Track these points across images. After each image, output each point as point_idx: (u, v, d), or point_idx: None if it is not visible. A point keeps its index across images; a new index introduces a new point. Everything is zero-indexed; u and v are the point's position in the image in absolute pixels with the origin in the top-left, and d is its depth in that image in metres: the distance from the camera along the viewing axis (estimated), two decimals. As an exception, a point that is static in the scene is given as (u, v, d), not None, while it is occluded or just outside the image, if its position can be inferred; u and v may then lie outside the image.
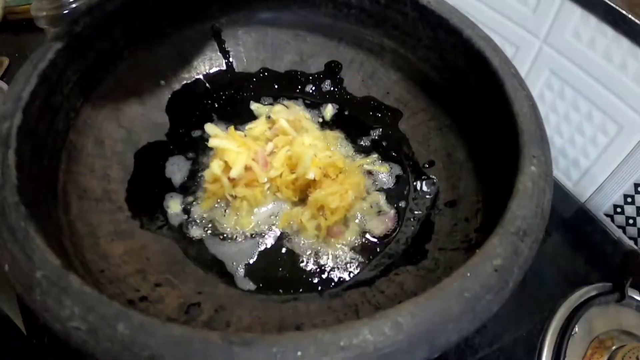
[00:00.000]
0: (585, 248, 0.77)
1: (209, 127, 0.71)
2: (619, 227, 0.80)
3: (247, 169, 0.65)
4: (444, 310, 0.36)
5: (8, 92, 0.54)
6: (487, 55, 0.60)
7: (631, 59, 0.67)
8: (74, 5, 0.84)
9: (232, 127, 0.69)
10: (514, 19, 0.79)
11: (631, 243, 0.78)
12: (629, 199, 0.76)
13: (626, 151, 0.73)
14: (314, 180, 0.65)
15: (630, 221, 0.78)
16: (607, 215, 0.81)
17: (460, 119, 0.69)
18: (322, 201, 0.64)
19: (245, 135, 0.70)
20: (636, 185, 0.75)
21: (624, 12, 0.64)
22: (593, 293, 0.68)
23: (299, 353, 0.33)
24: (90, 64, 0.65)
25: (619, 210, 0.79)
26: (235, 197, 0.65)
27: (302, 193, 0.67)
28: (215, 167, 0.65)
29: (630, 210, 0.77)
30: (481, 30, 0.64)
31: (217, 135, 0.68)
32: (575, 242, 0.78)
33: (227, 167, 0.65)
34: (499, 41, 0.79)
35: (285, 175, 0.66)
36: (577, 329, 0.65)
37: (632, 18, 0.63)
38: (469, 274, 0.39)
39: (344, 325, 0.35)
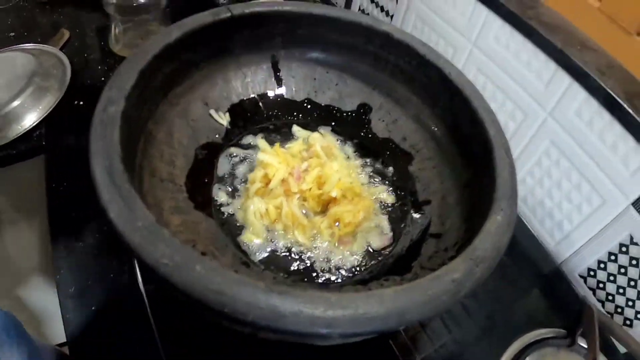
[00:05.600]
0: (553, 301, 0.82)
1: (261, 142, 0.82)
2: (590, 289, 0.84)
3: (284, 180, 0.75)
4: (412, 298, 0.47)
5: (113, 82, 0.62)
6: (486, 125, 0.68)
7: (621, 143, 0.72)
8: (142, 0, 0.95)
9: (277, 144, 0.79)
10: (528, 90, 0.84)
11: (594, 301, 0.82)
12: (602, 265, 0.81)
13: (605, 222, 0.78)
14: (335, 198, 0.74)
15: (601, 285, 0.82)
16: (581, 276, 0.85)
17: (458, 171, 0.76)
18: (339, 215, 0.73)
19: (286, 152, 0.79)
20: (610, 254, 0.79)
21: (620, 101, 0.69)
22: (548, 335, 0.73)
23: (314, 305, 0.44)
24: (174, 69, 0.74)
25: (592, 273, 0.83)
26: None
27: (323, 207, 0.76)
28: (257, 174, 0.76)
29: (602, 275, 0.81)
30: (487, 103, 0.71)
31: (265, 150, 0.79)
32: (545, 296, 0.83)
33: (266, 175, 0.76)
34: (512, 107, 0.88)
35: (313, 190, 0.76)
36: (528, 364, 0.71)
37: (627, 107, 0.68)
38: (433, 280, 0.49)
39: (345, 295, 0.46)
